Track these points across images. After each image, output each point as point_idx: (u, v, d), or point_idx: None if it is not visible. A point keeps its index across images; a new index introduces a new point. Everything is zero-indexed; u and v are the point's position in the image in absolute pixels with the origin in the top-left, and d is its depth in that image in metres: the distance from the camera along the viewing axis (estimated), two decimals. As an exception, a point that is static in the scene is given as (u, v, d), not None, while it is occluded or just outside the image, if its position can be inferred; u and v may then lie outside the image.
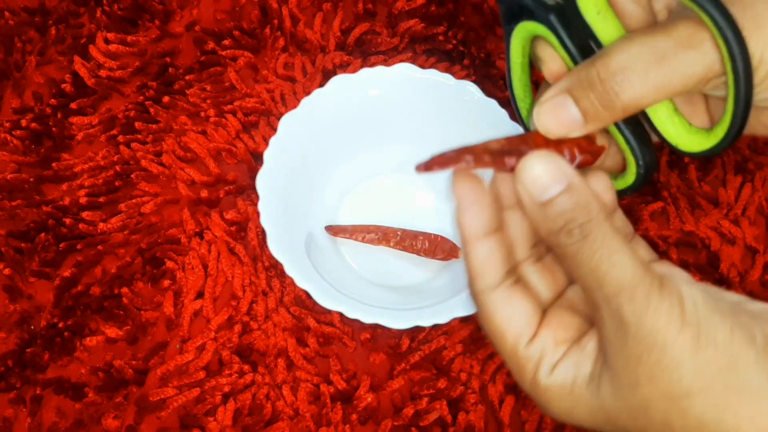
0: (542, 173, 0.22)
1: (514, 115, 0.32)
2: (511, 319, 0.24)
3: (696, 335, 0.21)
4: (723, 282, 0.42)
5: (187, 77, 0.48)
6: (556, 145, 0.24)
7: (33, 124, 0.47)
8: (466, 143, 0.24)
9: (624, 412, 0.23)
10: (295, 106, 0.41)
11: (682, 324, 0.21)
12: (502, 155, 0.23)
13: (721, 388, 0.21)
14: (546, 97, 0.24)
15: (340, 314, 0.41)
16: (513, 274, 0.25)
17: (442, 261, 0.43)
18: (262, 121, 0.47)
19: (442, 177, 0.45)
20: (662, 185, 0.44)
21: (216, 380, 0.40)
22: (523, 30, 0.26)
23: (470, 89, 0.41)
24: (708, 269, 0.42)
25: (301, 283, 0.37)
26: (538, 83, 0.31)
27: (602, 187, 0.25)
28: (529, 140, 0.24)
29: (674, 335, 0.21)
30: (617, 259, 0.22)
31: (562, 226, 0.22)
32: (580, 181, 0.22)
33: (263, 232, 0.39)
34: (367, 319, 0.37)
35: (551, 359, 0.24)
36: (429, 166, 0.24)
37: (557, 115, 0.24)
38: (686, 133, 0.26)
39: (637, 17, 0.26)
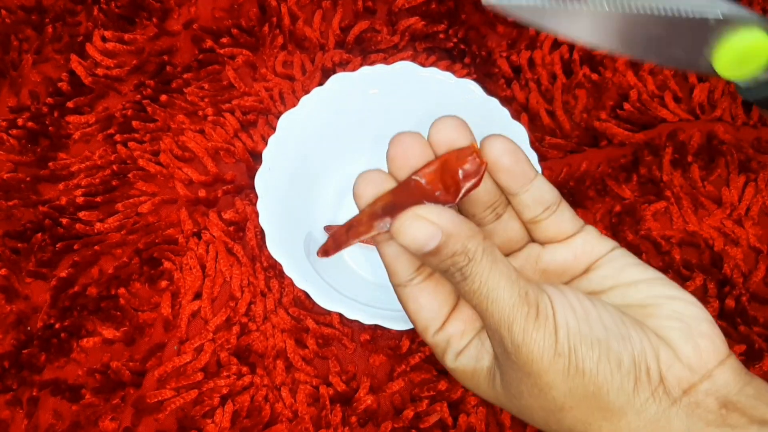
0: (416, 233, 0.24)
1: (515, 113, 0.32)
2: (420, 312, 0.26)
3: (566, 365, 0.23)
4: (726, 283, 0.42)
5: (184, 76, 0.48)
6: (442, 178, 0.25)
7: (29, 123, 0.47)
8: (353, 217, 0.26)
9: (513, 408, 0.26)
10: (294, 105, 0.41)
11: (554, 354, 0.23)
12: (381, 217, 0.25)
13: (588, 408, 0.24)
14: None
15: (340, 315, 0.41)
16: (425, 267, 0.27)
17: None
18: (261, 120, 0.47)
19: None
20: (665, 185, 0.44)
21: (214, 382, 0.40)
22: None
23: (471, 88, 0.40)
24: (711, 269, 0.42)
25: (300, 283, 0.37)
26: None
27: (499, 151, 0.26)
28: (413, 187, 0.25)
29: (547, 365, 0.23)
30: (494, 295, 0.23)
31: (445, 269, 0.24)
32: (456, 226, 0.24)
33: (262, 232, 0.39)
34: (367, 320, 0.36)
35: (456, 347, 0.26)
36: (326, 251, 0.27)
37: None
38: None
39: None
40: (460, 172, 0.25)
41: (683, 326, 0.24)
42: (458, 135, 0.26)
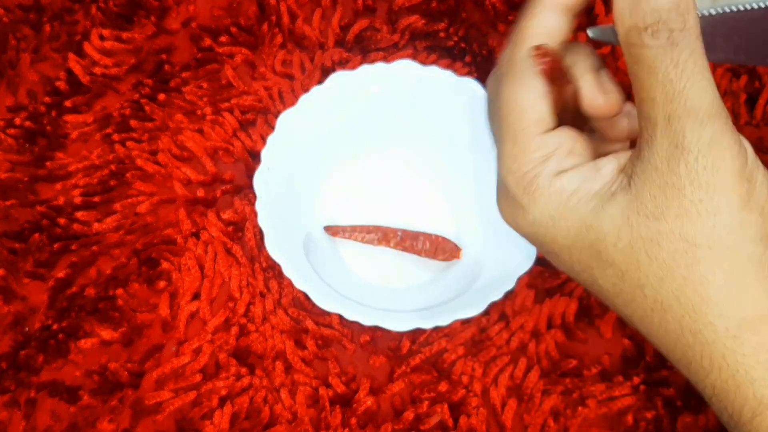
0: None
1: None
2: (539, 102, 0.23)
3: (747, 194, 0.20)
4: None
5: (183, 75, 0.48)
6: None
7: (27, 123, 0.46)
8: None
9: (622, 241, 0.21)
10: (293, 104, 0.40)
11: (740, 177, 0.20)
12: None
13: (744, 257, 0.20)
14: None
15: (340, 316, 0.40)
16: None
17: (443, 262, 0.42)
18: (260, 119, 0.46)
19: (443, 176, 0.44)
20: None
21: (213, 383, 0.40)
22: None
23: (472, 86, 0.40)
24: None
25: (300, 284, 0.37)
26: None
27: None
28: None
29: (730, 184, 0.20)
30: (699, 80, 0.20)
31: (650, 24, 0.20)
32: None
33: (261, 232, 0.38)
34: (367, 321, 0.36)
35: (559, 163, 0.23)
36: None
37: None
38: None
39: None
40: None
41: None
42: None
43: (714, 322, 0.20)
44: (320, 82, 0.41)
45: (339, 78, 0.40)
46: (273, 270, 0.42)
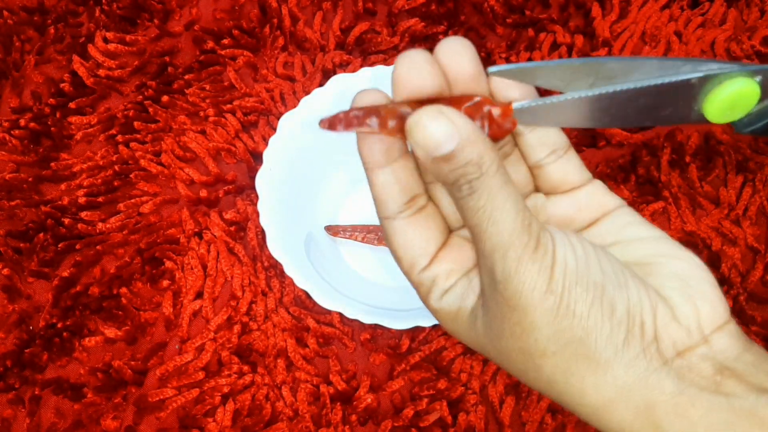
0: (434, 131, 0.22)
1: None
2: (407, 248, 0.25)
3: (557, 304, 0.22)
4: (724, 282, 0.42)
5: (186, 76, 0.48)
6: (473, 111, 0.24)
7: (32, 124, 0.47)
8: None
9: (492, 351, 0.24)
10: (294, 106, 0.41)
11: (545, 291, 0.22)
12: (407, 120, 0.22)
13: (572, 355, 0.22)
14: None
15: (340, 314, 0.41)
16: (416, 201, 0.25)
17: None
18: (262, 121, 0.47)
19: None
20: (663, 185, 0.44)
21: (215, 381, 0.40)
22: None
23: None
24: (709, 269, 0.42)
25: (301, 283, 0.37)
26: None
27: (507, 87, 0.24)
28: (444, 102, 0.23)
29: (537, 301, 0.22)
30: (497, 216, 0.22)
31: (453, 181, 0.22)
32: (474, 134, 0.22)
33: (263, 232, 0.39)
34: (367, 319, 0.37)
35: (442, 287, 0.25)
36: (332, 123, 0.24)
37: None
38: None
39: None
40: (487, 119, 0.24)
41: (683, 286, 0.23)
42: (466, 60, 0.24)
43: (578, 410, 0.23)
44: (321, 84, 0.41)
45: (340, 80, 0.41)
46: (274, 269, 0.43)
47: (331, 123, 0.24)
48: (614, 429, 0.23)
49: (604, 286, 0.22)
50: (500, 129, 0.24)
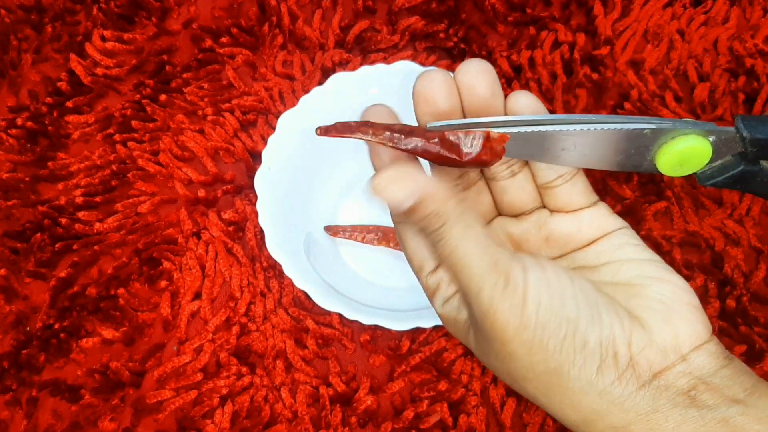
0: (393, 190, 0.24)
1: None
2: (416, 250, 0.27)
3: (530, 339, 0.23)
4: (727, 283, 0.42)
5: (184, 75, 0.48)
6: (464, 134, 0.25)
7: (29, 123, 0.46)
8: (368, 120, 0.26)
9: (484, 361, 0.26)
10: (293, 105, 0.41)
11: (519, 326, 0.23)
12: (401, 137, 0.25)
13: (548, 383, 0.24)
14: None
15: (340, 315, 0.40)
16: None
17: (442, 261, 0.42)
18: (261, 120, 0.46)
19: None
20: (666, 185, 0.44)
21: (214, 382, 0.40)
22: None
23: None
24: (712, 270, 0.42)
25: (300, 283, 0.37)
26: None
27: (523, 109, 0.26)
28: (438, 135, 0.25)
29: (511, 335, 0.23)
30: (466, 261, 0.24)
31: (421, 228, 0.25)
32: (433, 188, 0.24)
33: (261, 232, 0.39)
34: (367, 320, 0.36)
35: (444, 293, 0.26)
36: (328, 130, 0.26)
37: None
38: None
39: None
40: (479, 142, 0.25)
41: (664, 308, 0.24)
42: (482, 81, 0.25)
43: (562, 421, 0.25)
44: (320, 82, 0.41)
45: (339, 79, 0.41)
46: (273, 269, 0.42)
47: (327, 130, 0.26)
48: None
49: (578, 321, 0.23)
50: (494, 154, 0.25)
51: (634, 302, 0.24)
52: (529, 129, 0.25)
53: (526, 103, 0.26)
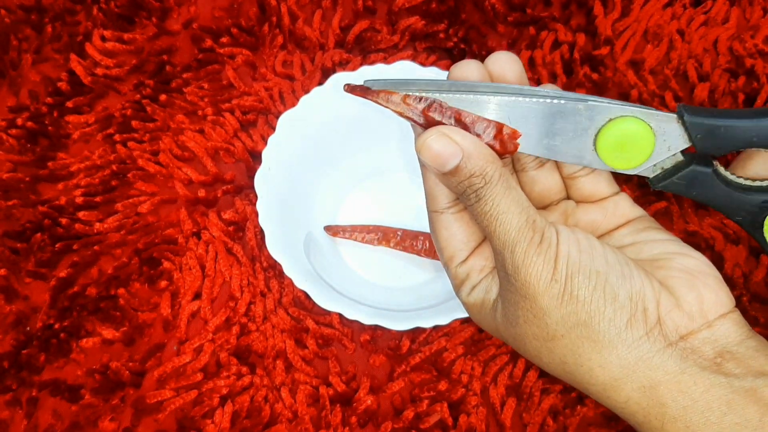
0: (439, 149, 0.25)
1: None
2: (450, 240, 0.28)
3: (561, 291, 0.24)
4: (727, 283, 0.41)
5: (184, 75, 0.48)
6: (481, 117, 0.26)
7: (29, 123, 0.46)
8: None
9: (510, 338, 0.27)
10: (293, 105, 0.41)
11: (550, 280, 0.24)
12: (420, 103, 0.25)
13: (578, 337, 0.24)
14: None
15: (340, 315, 0.41)
16: (461, 203, 0.28)
17: (442, 261, 0.42)
18: (261, 120, 0.46)
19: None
20: (665, 184, 0.44)
21: (214, 382, 0.40)
22: None
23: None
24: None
25: (300, 283, 0.37)
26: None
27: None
28: (460, 112, 0.26)
29: (543, 289, 0.24)
30: (503, 218, 0.25)
31: (462, 191, 0.25)
32: (476, 149, 0.25)
33: (261, 232, 0.39)
34: (367, 320, 0.36)
35: (473, 281, 0.28)
36: (353, 90, 0.26)
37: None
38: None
39: None
40: (492, 130, 0.26)
41: (689, 277, 0.25)
42: (511, 70, 0.26)
43: (589, 389, 0.25)
44: (320, 82, 0.41)
45: (339, 79, 0.41)
46: (273, 269, 0.42)
47: (352, 88, 0.26)
48: (621, 406, 0.25)
49: (607, 274, 0.24)
50: (503, 148, 0.26)
51: (660, 273, 0.25)
52: (462, 95, 0.25)
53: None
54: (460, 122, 0.25)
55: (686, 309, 0.24)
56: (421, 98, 0.25)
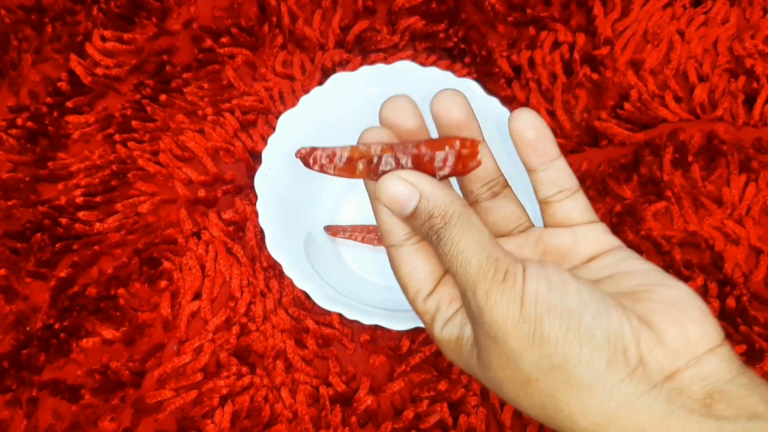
0: (395, 192, 0.25)
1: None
2: (412, 273, 0.27)
3: (531, 332, 0.23)
4: (727, 283, 0.42)
5: (184, 75, 0.48)
6: (438, 146, 0.26)
7: (29, 123, 0.46)
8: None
9: (487, 381, 0.25)
10: (293, 105, 0.40)
11: (518, 320, 0.23)
12: (375, 166, 0.26)
13: (555, 381, 0.23)
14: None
15: (340, 315, 0.40)
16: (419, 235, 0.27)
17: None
18: (261, 120, 0.46)
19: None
20: (666, 184, 0.44)
21: (214, 382, 0.40)
22: None
23: (471, 87, 0.40)
24: (712, 269, 0.42)
25: (300, 283, 0.37)
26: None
27: (525, 124, 0.27)
28: (411, 144, 0.26)
29: (511, 330, 0.23)
30: (462, 257, 0.24)
31: (425, 233, 0.25)
32: (434, 190, 0.25)
33: (261, 232, 0.39)
34: (367, 320, 0.36)
35: (444, 315, 0.26)
36: (305, 159, 0.26)
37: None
38: None
39: None
40: (452, 153, 0.26)
41: (672, 310, 0.23)
42: (458, 111, 0.26)
43: (573, 428, 0.23)
44: (320, 82, 0.41)
45: (339, 79, 0.41)
46: (273, 269, 0.42)
47: (305, 158, 0.26)
48: None
49: (581, 314, 0.23)
50: (465, 166, 0.26)
51: (640, 306, 0.24)
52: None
53: (528, 120, 0.26)
54: (421, 164, 0.25)
55: (670, 346, 0.22)
56: (371, 160, 0.25)
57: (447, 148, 0.25)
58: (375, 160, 0.26)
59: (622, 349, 0.22)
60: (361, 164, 0.26)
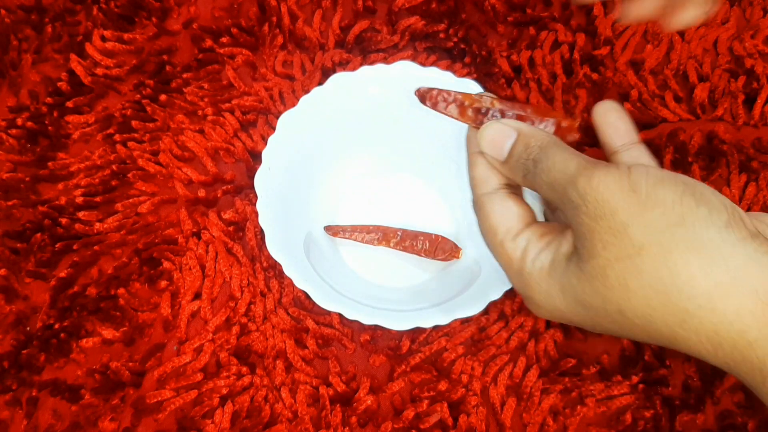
0: (494, 134, 0.28)
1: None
2: (504, 214, 0.29)
3: (643, 199, 0.23)
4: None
5: (184, 75, 0.48)
6: (543, 113, 0.30)
7: (29, 123, 0.46)
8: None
9: (587, 288, 0.24)
10: (293, 105, 0.40)
11: (628, 191, 0.23)
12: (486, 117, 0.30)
13: (671, 242, 0.22)
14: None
15: (340, 315, 0.41)
16: (510, 186, 0.30)
17: (442, 261, 0.42)
18: (261, 120, 0.46)
19: (443, 176, 0.44)
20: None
21: (214, 382, 0.40)
22: None
23: (471, 87, 0.40)
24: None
25: (300, 283, 0.37)
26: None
27: (608, 108, 0.30)
28: (519, 105, 0.30)
29: (621, 201, 0.23)
30: (560, 160, 0.26)
31: (521, 166, 0.27)
32: (529, 127, 0.28)
33: (261, 232, 0.39)
34: (367, 320, 0.36)
35: (536, 248, 0.28)
36: (423, 96, 0.31)
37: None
38: None
39: None
40: (553, 123, 0.30)
41: None
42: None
43: (689, 308, 0.22)
44: (321, 82, 0.41)
45: (339, 79, 0.41)
46: (273, 269, 0.42)
47: (422, 96, 0.31)
48: (731, 319, 0.21)
49: (694, 185, 0.23)
50: (562, 138, 0.28)
51: None
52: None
53: (612, 106, 0.30)
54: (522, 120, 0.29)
55: None
56: (479, 110, 0.29)
57: (550, 119, 0.29)
58: (483, 110, 0.29)
59: (739, 217, 0.22)
60: (471, 111, 0.30)
